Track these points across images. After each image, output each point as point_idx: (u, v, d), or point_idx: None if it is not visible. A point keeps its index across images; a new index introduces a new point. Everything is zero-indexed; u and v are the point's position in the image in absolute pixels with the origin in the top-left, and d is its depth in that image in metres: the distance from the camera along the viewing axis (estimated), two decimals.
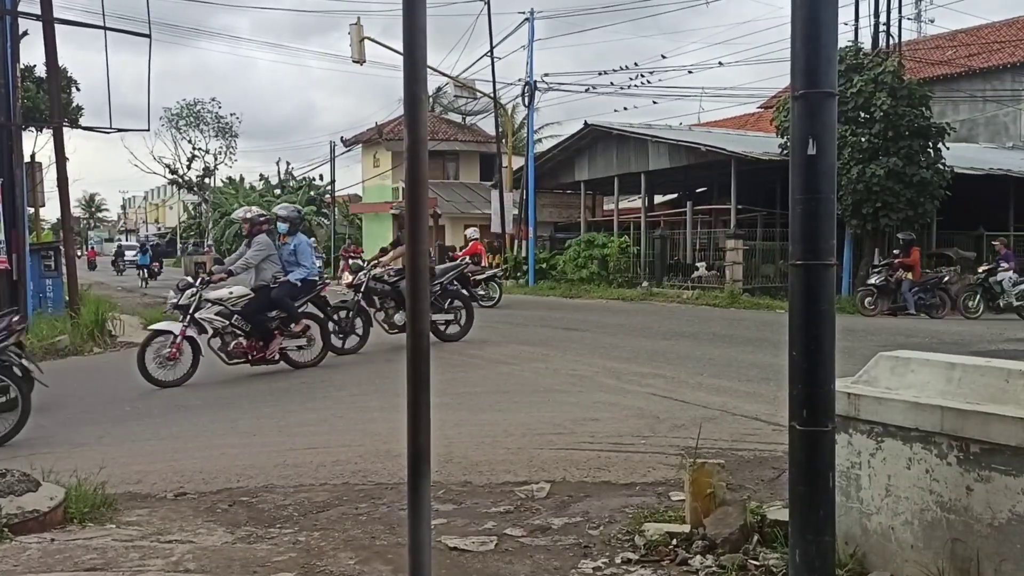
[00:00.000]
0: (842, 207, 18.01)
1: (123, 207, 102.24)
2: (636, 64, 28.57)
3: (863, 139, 17.99)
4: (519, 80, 28.71)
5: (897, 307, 16.68)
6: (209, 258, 30.00)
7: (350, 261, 23.68)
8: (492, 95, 29.45)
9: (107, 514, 4.45)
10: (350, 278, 11.88)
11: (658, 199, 32.46)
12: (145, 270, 37.31)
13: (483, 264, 20.41)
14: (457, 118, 40.56)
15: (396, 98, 39.03)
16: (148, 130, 16.23)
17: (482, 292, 18.37)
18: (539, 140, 33.34)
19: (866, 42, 20.67)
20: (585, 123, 27.02)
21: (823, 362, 2.61)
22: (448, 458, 5.48)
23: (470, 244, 20.99)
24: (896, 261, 16.93)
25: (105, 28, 13.76)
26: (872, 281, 17.07)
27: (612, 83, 28.63)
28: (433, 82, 31.28)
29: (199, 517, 4.51)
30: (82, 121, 27.78)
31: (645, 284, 23.22)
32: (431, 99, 34.86)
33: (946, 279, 17.33)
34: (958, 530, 2.91)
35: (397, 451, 5.32)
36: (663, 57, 63.49)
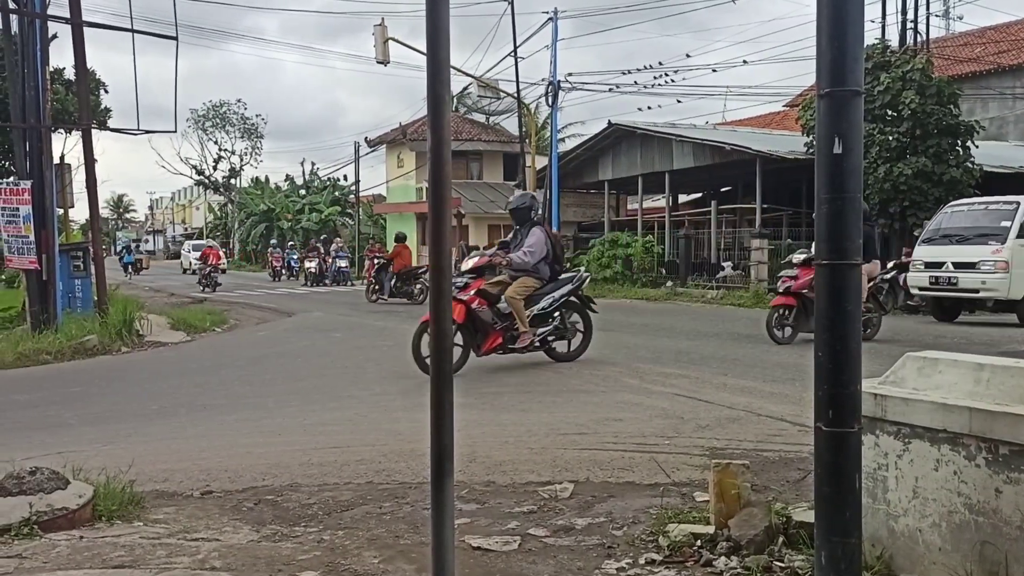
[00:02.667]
0: (869, 206, 17.83)
1: (150, 208, 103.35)
2: (660, 63, 28.42)
3: (891, 137, 17.83)
4: (543, 80, 28.73)
5: (916, 305, 16.43)
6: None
7: (374, 260, 23.90)
8: (515, 95, 29.44)
9: (135, 512, 4.50)
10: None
11: (682, 198, 32.35)
12: (130, 267, 46.11)
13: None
14: (481, 118, 40.66)
15: (420, 98, 39.17)
16: (175, 131, 16.34)
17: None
18: (563, 140, 33.35)
19: (893, 39, 20.52)
20: (609, 122, 26.99)
21: (849, 362, 2.59)
22: (471, 458, 5.49)
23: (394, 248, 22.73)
24: (905, 259, 16.71)
25: (133, 31, 13.92)
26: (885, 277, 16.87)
27: (636, 82, 28.60)
28: (457, 82, 31.35)
29: (225, 515, 4.54)
30: (110, 123, 28.17)
31: (669, 284, 23.14)
32: (455, 99, 34.95)
33: None
34: (986, 533, 2.87)
35: (421, 450, 5.33)
36: (688, 56, 63.30)
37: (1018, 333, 12.80)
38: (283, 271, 38.70)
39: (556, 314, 9.90)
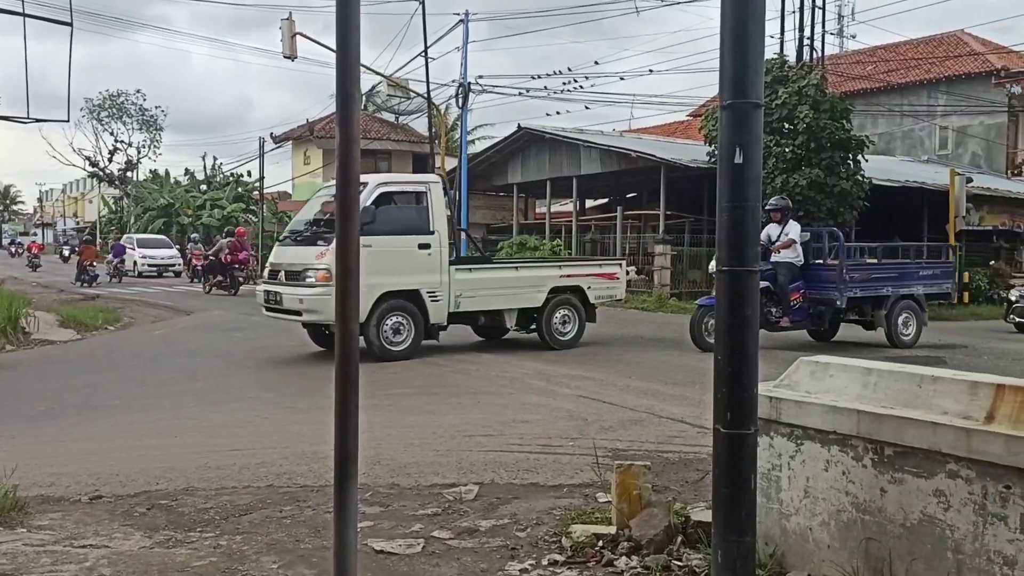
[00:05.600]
0: (766, 215, 18.45)
1: (39, 200, 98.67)
2: (570, 69, 28.69)
3: (787, 150, 18.48)
4: (453, 81, 28.69)
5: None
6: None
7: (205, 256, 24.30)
8: (426, 95, 29.31)
9: (17, 518, 4.28)
10: None
11: (589, 203, 32.77)
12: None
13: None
14: (390, 117, 40.29)
15: (329, 95, 38.59)
16: (67, 121, 15.65)
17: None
18: (473, 142, 33.33)
19: (791, 55, 21.25)
20: (518, 126, 27.12)
21: (747, 366, 2.67)
22: (376, 460, 5.43)
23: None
24: None
25: (24, 15, 13.25)
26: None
27: (546, 87, 28.79)
28: (367, 80, 31.00)
29: (115, 521, 4.37)
30: None
31: None
32: (364, 97, 34.55)
33: None
34: (872, 530, 3.00)
35: (324, 453, 5.25)
36: (596, 63, 64.25)
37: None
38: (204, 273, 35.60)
39: None
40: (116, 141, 59.12)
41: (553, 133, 26.18)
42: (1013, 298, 16.10)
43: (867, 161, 19.63)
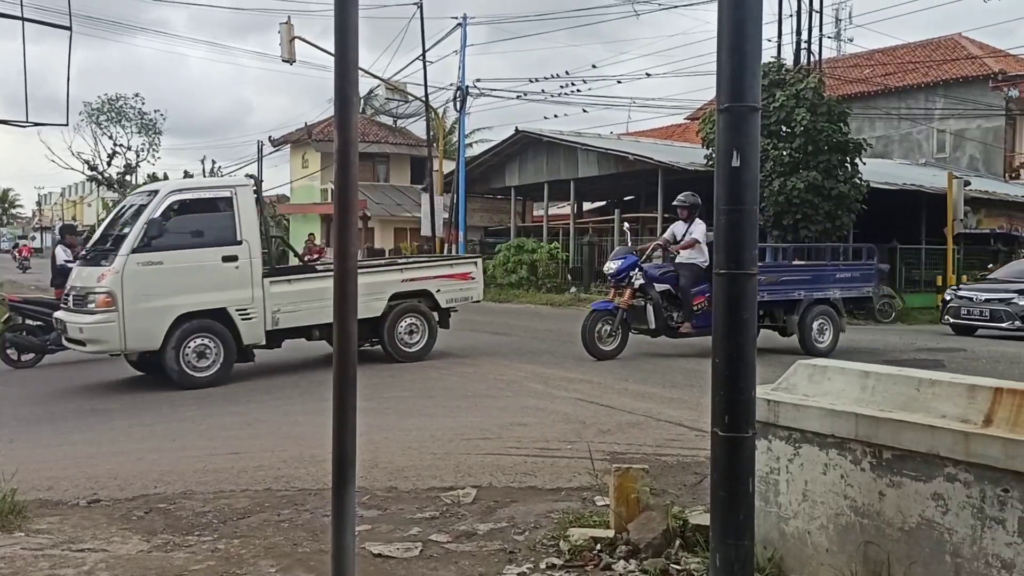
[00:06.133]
0: (764, 218, 18.47)
1: (38, 203, 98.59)
2: (568, 73, 28.71)
3: (784, 153, 18.49)
4: (451, 84, 28.71)
5: None
6: None
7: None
8: (424, 99, 29.34)
9: (16, 522, 4.28)
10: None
11: (587, 206, 32.80)
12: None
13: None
14: (388, 121, 40.29)
15: (327, 98, 38.57)
16: (66, 124, 15.63)
17: None
18: (470, 145, 33.34)
19: (788, 59, 21.28)
20: (516, 129, 27.14)
21: (745, 369, 2.67)
22: (374, 463, 5.43)
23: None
24: None
25: (23, 19, 13.26)
26: None
27: (544, 90, 28.99)
28: (365, 84, 31.04)
29: (113, 525, 4.37)
30: None
31: (573, 290, 23.42)
32: (362, 101, 34.56)
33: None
34: (871, 534, 3.00)
35: (322, 456, 5.24)
36: (594, 67, 64.28)
37: (900, 341, 13.42)
38: None
39: None
40: (115, 145, 59.08)
41: (551, 136, 26.21)
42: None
43: (865, 164, 19.64)
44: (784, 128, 18.79)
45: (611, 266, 11.00)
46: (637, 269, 10.76)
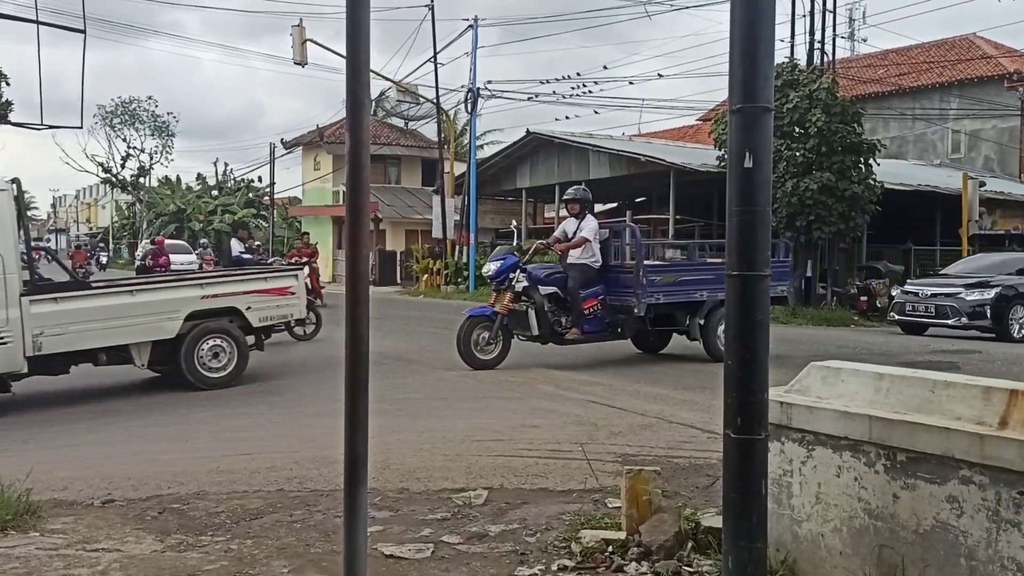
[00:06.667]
0: (777, 219, 18.41)
1: (53, 206, 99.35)
2: (579, 74, 28.75)
3: (798, 153, 18.42)
4: (462, 86, 28.76)
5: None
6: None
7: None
8: (435, 101, 29.40)
9: (31, 522, 4.31)
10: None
11: (598, 208, 32.77)
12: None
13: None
14: (399, 123, 40.39)
15: (339, 100, 38.68)
16: (80, 127, 15.77)
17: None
18: (481, 147, 33.38)
19: (802, 59, 21.20)
20: (527, 131, 27.15)
21: (757, 371, 2.66)
22: (385, 464, 5.44)
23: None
24: None
25: (38, 22, 13.36)
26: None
27: (555, 92, 28.90)
28: (376, 86, 31.12)
29: (127, 525, 4.39)
30: (12, 116, 26.98)
31: None
32: (373, 103, 34.66)
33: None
34: (885, 537, 2.98)
35: (334, 457, 5.25)
36: (605, 68, 64.21)
37: (914, 343, 13.35)
38: None
39: None
40: (129, 147, 59.55)
41: (562, 138, 26.20)
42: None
43: (879, 165, 19.56)
44: (797, 129, 18.72)
45: (490, 268, 10.13)
46: (519, 271, 9.85)
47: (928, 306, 14.53)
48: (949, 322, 14.24)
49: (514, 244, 10.78)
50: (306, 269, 12.61)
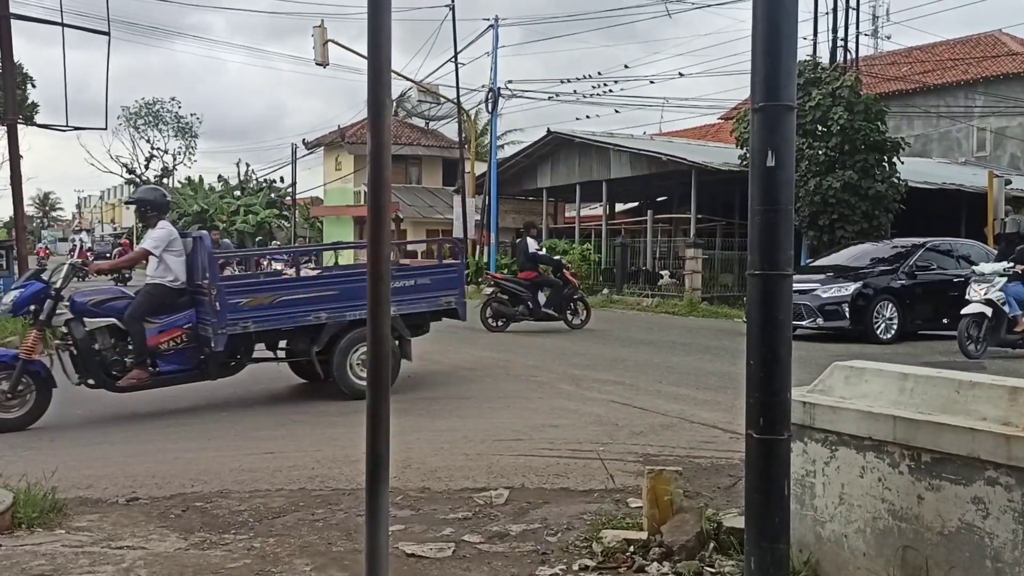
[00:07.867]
0: (800, 218, 18.28)
1: (78, 206, 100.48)
2: (600, 73, 28.70)
3: (820, 152, 18.29)
4: (483, 86, 28.78)
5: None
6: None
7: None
8: (456, 100, 29.43)
9: (57, 519, 4.36)
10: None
11: (619, 207, 32.69)
12: None
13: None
14: (420, 123, 40.50)
15: (360, 101, 38.85)
16: (105, 128, 15.94)
17: None
18: (502, 146, 33.42)
19: (824, 57, 21.07)
20: (548, 130, 27.11)
21: (779, 371, 2.65)
22: (407, 464, 5.46)
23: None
24: None
25: (63, 24, 13.54)
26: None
27: (575, 91, 28.94)
28: (397, 86, 31.23)
29: (151, 523, 4.43)
30: (37, 118, 27.30)
31: (606, 291, 23.35)
32: (394, 103, 34.74)
33: None
34: (909, 538, 2.96)
35: (356, 456, 5.28)
36: (626, 67, 64.09)
37: (938, 343, 13.20)
38: None
39: None
40: (152, 148, 60.15)
41: (583, 137, 26.15)
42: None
43: (903, 163, 19.38)
44: (820, 127, 18.58)
45: (6, 300, 7.66)
46: (48, 300, 7.32)
47: None
48: (803, 323, 12.69)
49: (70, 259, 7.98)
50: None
